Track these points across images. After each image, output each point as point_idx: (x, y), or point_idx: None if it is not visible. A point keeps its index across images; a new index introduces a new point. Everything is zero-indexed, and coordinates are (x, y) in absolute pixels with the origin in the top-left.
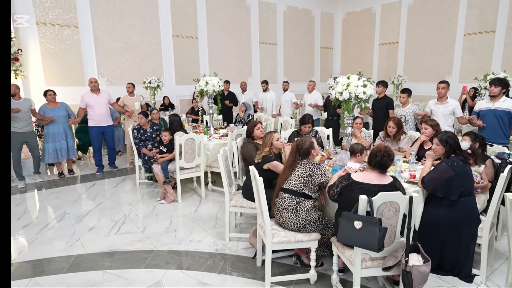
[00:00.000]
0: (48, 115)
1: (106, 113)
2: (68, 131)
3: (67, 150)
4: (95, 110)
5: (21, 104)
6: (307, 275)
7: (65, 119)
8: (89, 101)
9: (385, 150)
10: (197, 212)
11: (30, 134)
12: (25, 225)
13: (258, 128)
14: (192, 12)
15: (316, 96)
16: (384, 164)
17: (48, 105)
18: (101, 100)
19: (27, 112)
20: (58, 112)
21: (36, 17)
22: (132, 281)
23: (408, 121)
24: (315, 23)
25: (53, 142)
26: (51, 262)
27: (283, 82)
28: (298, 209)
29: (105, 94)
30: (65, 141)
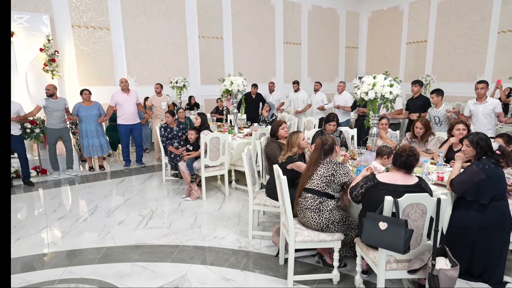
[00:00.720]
0: (81, 113)
1: (134, 112)
2: (99, 129)
3: (100, 147)
4: (125, 109)
5: (57, 103)
6: (330, 275)
7: (97, 118)
8: (119, 100)
9: (410, 150)
10: (221, 209)
11: (65, 130)
12: (60, 217)
13: (282, 128)
14: (218, 13)
15: (346, 98)
16: (410, 164)
17: (83, 104)
18: (130, 99)
19: (62, 110)
20: (91, 111)
21: (72, 20)
22: (159, 274)
23: (442, 123)
24: (340, 22)
25: (87, 139)
26: (84, 253)
27: (315, 83)
28: (321, 209)
29: (134, 94)
30: (97, 138)
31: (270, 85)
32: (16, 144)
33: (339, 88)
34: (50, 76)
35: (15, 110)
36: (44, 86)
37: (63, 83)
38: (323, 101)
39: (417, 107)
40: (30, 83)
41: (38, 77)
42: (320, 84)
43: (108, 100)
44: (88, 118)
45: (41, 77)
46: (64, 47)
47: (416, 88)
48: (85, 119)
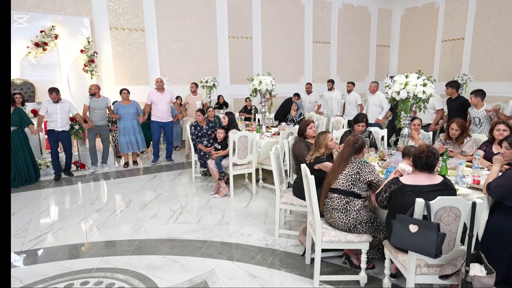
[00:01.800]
0: (120, 111)
1: (167, 111)
2: (136, 126)
3: (136, 143)
4: (158, 107)
5: (99, 102)
6: (357, 276)
7: (134, 116)
8: (154, 98)
9: (428, 149)
10: (248, 207)
11: (104, 127)
12: (97, 209)
13: (310, 128)
14: (248, 13)
15: (381, 98)
16: (431, 164)
17: (122, 102)
18: (164, 98)
19: (104, 108)
20: (129, 109)
21: (110, 22)
22: (188, 267)
23: (483, 124)
24: (372, 20)
25: (124, 136)
26: (118, 244)
27: (348, 83)
28: (348, 209)
29: (168, 93)
30: (134, 135)
31: (307, 87)
32: (66, 139)
33: (371, 88)
34: (89, 76)
35: (67, 108)
36: (84, 85)
37: (100, 82)
38: (356, 101)
39: (455, 108)
40: (71, 82)
41: (78, 77)
42: (353, 84)
43: (143, 99)
44: (126, 116)
45: (81, 77)
46: (102, 48)
47: (448, 90)
48: (123, 117)
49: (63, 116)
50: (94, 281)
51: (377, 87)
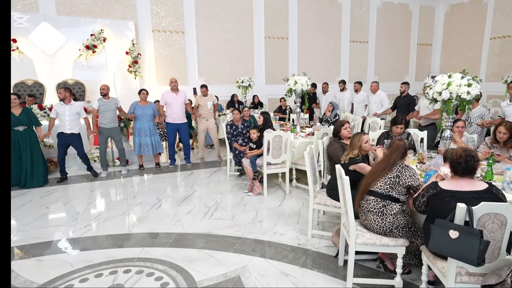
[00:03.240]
0: (137, 112)
1: (182, 111)
2: (152, 128)
3: (152, 145)
4: (173, 108)
5: (109, 103)
6: (391, 281)
7: (151, 117)
8: (168, 99)
9: (466, 153)
10: (281, 206)
11: (115, 129)
12: (138, 203)
13: (345, 128)
14: (284, 13)
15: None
16: (472, 168)
17: (140, 103)
18: (178, 99)
19: (114, 109)
20: (146, 110)
21: (152, 25)
22: (222, 262)
23: None
24: (413, 18)
25: (139, 137)
26: (157, 236)
27: (355, 83)
28: (384, 213)
29: (183, 94)
30: (149, 137)
31: (324, 86)
32: (75, 141)
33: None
34: (133, 76)
35: (76, 110)
36: (128, 85)
37: (143, 82)
38: (364, 100)
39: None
40: (117, 82)
41: (123, 77)
42: (360, 84)
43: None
44: (142, 116)
45: (126, 78)
46: (145, 50)
47: None
48: (140, 118)
49: (71, 118)
50: (136, 270)
51: (377, 87)
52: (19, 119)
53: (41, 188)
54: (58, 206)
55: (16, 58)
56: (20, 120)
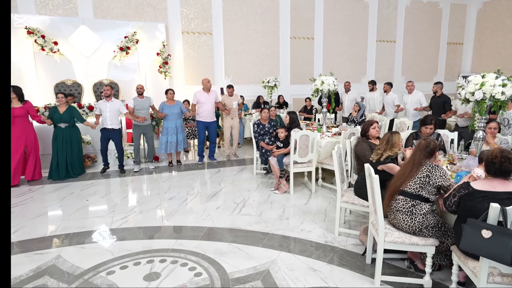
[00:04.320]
0: (165, 111)
1: (212, 110)
2: (179, 126)
3: (176, 143)
4: (204, 107)
5: (143, 102)
6: (420, 280)
7: (178, 116)
8: (200, 98)
9: (502, 154)
10: (308, 204)
11: (148, 127)
12: (170, 198)
13: (374, 128)
14: (310, 13)
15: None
16: (506, 170)
17: (167, 102)
18: (210, 98)
19: (147, 108)
20: (173, 109)
21: (182, 27)
22: (252, 256)
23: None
24: (443, 16)
25: (167, 135)
26: (189, 230)
27: (384, 84)
28: (413, 212)
29: (214, 94)
30: (176, 135)
31: (346, 85)
32: (116, 136)
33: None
34: (163, 76)
35: (149, 104)
36: (158, 85)
37: (172, 82)
38: (394, 101)
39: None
40: (148, 82)
41: (154, 77)
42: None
43: None
44: (170, 115)
45: (156, 78)
46: (174, 51)
47: None
48: (167, 117)
49: (112, 114)
50: (171, 260)
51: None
52: (62, 116)
53: (80, 182)
54: (97, 199)
55: (57, 59)
56: (62, 118)
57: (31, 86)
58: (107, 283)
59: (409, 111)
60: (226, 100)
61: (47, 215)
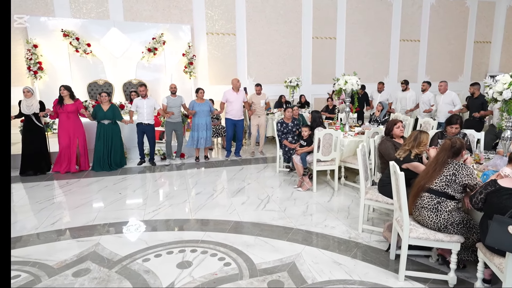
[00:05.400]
0: (195, 109)
1: (240, 109)
2: (208, 123)
3: (205, 139)
4: (233, 106)
5: (175, 101)
6: (445, 277)
7: (207, 114)
8: (229, 97)
9: None
10: (331, 202)
11: (179, 124)
12: (197, 192)
13: (398, 127)
14: (332, 13)
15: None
16: None
17: (197, 101)
18: (238, 98)
19: (179, 106)
20: (203, 107)
21: (207, 28)
22: (277, 249)
23: None
24: (470, 14)
25: (197, 132)
26: (217, 223)
27: (423, 82)
28: (439, 209)
29: (242, 93)
30: (205, 131)
31: (380, 86)
32: (150, 131)
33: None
34: (188, 76)
35: (152, 104)
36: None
37: (197, 82)
38: (430, 101)
39: None
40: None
41: (180, 77)
42: (428, 83)
43: None
44: (200, 113)
45: (182, 78)
46: (199, 51)
47: None
48: (197, 114)
49: (148, 111)
50: (201, 250)
51: (446, 86)
52: (105, 114)
53: (113, 177)
54: (129, 193)
55: (90, 60)
56: (106, 115)
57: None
58: (143, 269)
59: (441, 112)
60: (254, 98)
61: (85, 206)
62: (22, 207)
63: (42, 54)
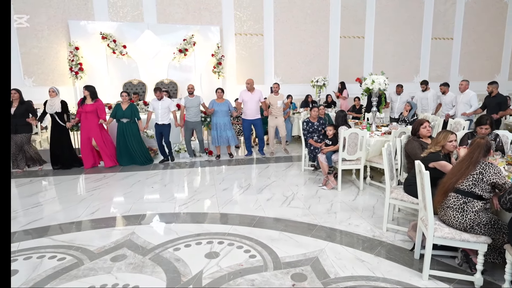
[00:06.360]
0: (214, 108)
1: (256, 109)
2: (227, 123)
3: (227, 138)
4: (248, 105)
5: (193, 101)
6: (471, 278)
7: (226, 113)
8: (244, 97)
9: None
10: (355, 201)
11: (198, 123)
12: (224, 188)
13: (424, 127)
14: (361, 12)
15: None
16: None
17: (217, 100)
18: (253, 97)
19: (197, 106)
20: (222, 107)
21: (235, 29)
22: (301, 244)
23: None
24: (508, 11)
25: (216, 131)
26: (242, 218)
27: (440, 85)
28: (465, 209)
29: (258, 93)
30: (225, 131)
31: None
32: (166, 130)
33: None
34: (216, 76)
35: (167, 105)
36: (212, 85)
37: (225, 82)
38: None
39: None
40: (203, 82)
41: (208, 77)
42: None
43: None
44: (219, 112)
45: (210, 77)
46: (227, 52)
47: None
48: (216, 114)
49: (163, 111)
50: (228, 242)
51: (467, 86)
52: (124, 112)
53: (145, 171)
54: (160, 187)
55: (125, 61)
56: (124, 114)
57: (103, 85)
58: (174, 257)
59: (459, 111)
60: (271, 99)
61: (121, 198)
62: (65, 197)
63: (82, 55)
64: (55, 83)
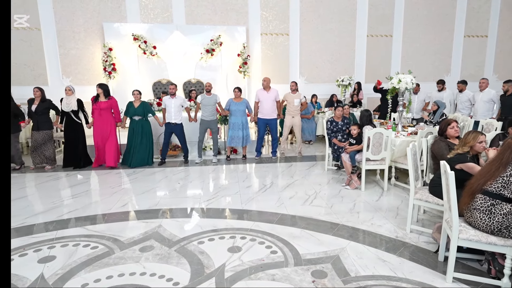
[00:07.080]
0: (232, 108)
1: (272, 108)
2: (244, 123)
3: (242, 138)
4: (263, 105)
5: (209, 99)
6: (498, 282)
7: (243, 113)
8: (260, 96)
9: None
10: (379, 201)
11: (213, 122)
12: (247, 186)
13: (452, 127)
14: (389, 10)
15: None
16: None
17: (234, 99)
18: (269, 96)
19: (213, 104)
20: (239, 106)
21: (261, 29)
22: (322, 242)
23: None
24: None
25: (233, 130)
26: (265, 214)
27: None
28: (492, 212)
29: (274, 92)
30: (241, 131)
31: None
32: (178, 130)
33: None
34: (242, 76)
35: (179, 102)
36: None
37: (250, 81)
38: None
39: None
40: (228, 81)
41: (234, 76)
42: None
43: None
44: (236, 112)
45: (236, 77)
46: (253, 52)
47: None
48: (234, 113)
49: (176, 110)
50: (250, 238)
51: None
52: (136, 110)
53: (172, 168)
54: (186, 183)
55: (155, 61)
56: (136, 111)
57: (134, 84)
58: (198, 250)
59: (478, 110)
60: (288, 97)
61: (149, 193)
62: (98, 191)
63: (115, 56)
64: (90, 83)
